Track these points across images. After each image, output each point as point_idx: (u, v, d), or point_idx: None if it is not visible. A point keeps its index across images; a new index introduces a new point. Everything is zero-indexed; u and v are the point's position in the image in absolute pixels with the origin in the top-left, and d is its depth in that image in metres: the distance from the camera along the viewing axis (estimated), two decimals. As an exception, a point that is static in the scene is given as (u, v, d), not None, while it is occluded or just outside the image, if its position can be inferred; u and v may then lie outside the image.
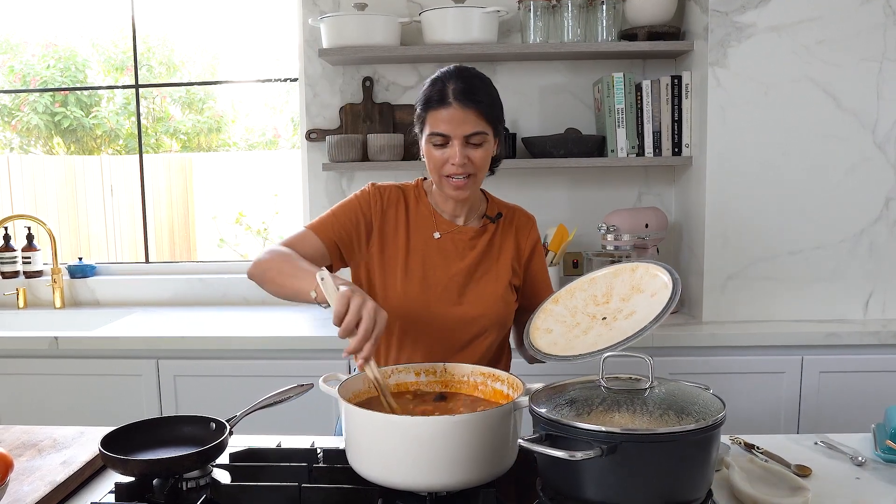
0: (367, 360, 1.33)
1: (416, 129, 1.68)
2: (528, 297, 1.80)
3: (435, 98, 1.60)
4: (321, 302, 1.42)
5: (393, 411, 1.34)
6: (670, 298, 1.38)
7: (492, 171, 1.77)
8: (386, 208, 1.72)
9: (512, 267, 1.76)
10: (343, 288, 1.35)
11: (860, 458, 1.41)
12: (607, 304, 1.49)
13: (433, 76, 1.65)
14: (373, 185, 1.75)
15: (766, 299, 2.65)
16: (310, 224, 1.70)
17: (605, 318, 1.45)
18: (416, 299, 1.66)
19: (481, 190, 1.82)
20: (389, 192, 1.75)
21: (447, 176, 1.62)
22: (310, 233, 1.67)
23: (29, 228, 3.32)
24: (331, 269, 1.61)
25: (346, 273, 1.73)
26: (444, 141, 1.60)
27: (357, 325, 1.31)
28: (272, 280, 1.57)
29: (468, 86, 1.60)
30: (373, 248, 1.70)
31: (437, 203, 1.75)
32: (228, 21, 5.80)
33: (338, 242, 1.68)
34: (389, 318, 1.63)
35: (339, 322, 1.32)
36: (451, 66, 1.66)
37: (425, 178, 1.80)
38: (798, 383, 2.49)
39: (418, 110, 1.65)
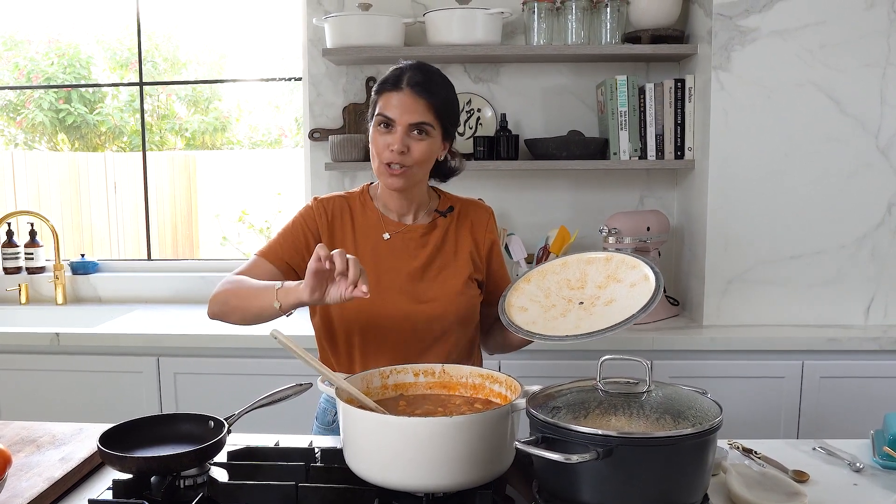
0: (354, 284, 1.33)
1: (368, 115, 1.67)
2: (491, 293, 1.77)
3: (390, 82, 1.60)
4: (286, 311, 1.45)
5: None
6: (656, 289, 1.38)
7: (445, 178, 1.76)
8: (332, 220, 1.70)
9: (472, 261, 1.73)
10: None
11: (858, 465, 1.41)
12: (582, 290, 1.48)
13: (396, 65, 1.65)
14: (315, 199, 1.73)
15: (766, 303, 2.64)
16: (259, 251, 1.69)
17: (581, 303, 1.45)
18: (373, 303, 1.61)
19: (434, 189, 1.79)
20: (333, 203, 1.72)
21: (386, 164, 1.60)
22: (261, 259, 1.66)
23: (32, 224, 3.33)
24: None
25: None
26: (388, 126, 1.59)
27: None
28: (235, 308, 1.55)
29: (426, 78, 1.59)
30: None
31: (384, 205, 1.72)
32: (233, 20, 5.81)
33: (289, 263, 1.66)
34: (348, 325, 1.64)
35: (316, 262, 1.34)
36: (417, 60, 1.65)
37: (371, 184, 1.78)
38: (798, 388, 2.49)
39: (373, 95, 1.64)
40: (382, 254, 1.68)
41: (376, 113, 1.61)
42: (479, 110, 2.97)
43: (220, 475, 1.30)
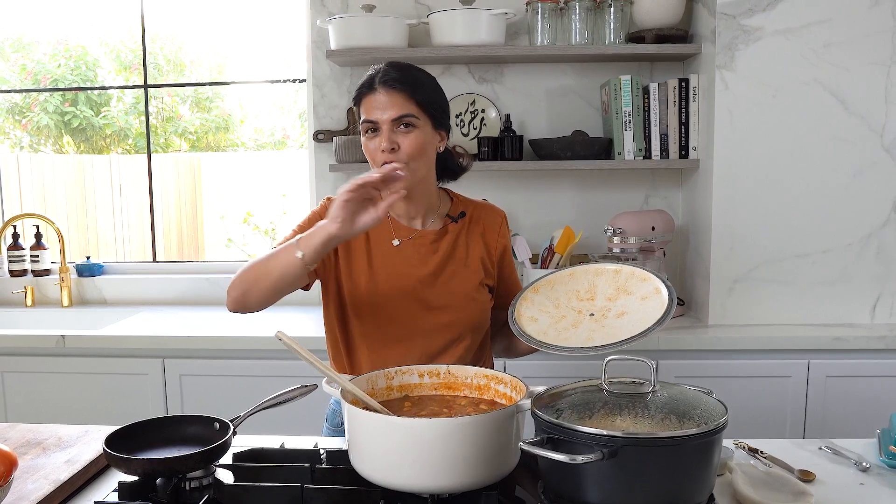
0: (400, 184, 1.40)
1: (359, 128, 1.64)
2: (501, 297, 1.75)
3: (365, 86, 1.58)
4: (309, 261, 1.44)
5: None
6: (670, 301, 1.38)
7: (455, 176, 1.74)
8: None
9: (483, 266, 1.71)
10: None
11: (864, 464, 1.41)
12: (592, 301, 1.48)
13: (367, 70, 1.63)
14: (328, 199, 1.70)
15: (772, 303, 2.64)
16: (273, 247, 1.66)
17: (592, 315, 1.44)
18: (384, 309, 1.62)
19: (446, 190, 1.76)
20: None
21: (380, 166, 1.56)
22: None
23: (38, 227, 3.34)
24: (304, 287, 1.61)
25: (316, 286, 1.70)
26: (375, 130, 1.56)
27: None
28: (255, 280, 1.51)
29: (398, 72, 1.57)
30: (340, 262, 1.66)
31: (392, 208, 1.67)
32: (237, 21, 5.82)
33: None
34: (359, 329, 1.63)
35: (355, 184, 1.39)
36: (388, 61, 1.63)
37: None
38: (804, 388, 2.48)
39: (353, 106, 1.64)
40: (393, 259, 1.66)
41: (362, 121, 1.59)
42: (483, 111, 2.97)
43: (226, 477, 1.30)
